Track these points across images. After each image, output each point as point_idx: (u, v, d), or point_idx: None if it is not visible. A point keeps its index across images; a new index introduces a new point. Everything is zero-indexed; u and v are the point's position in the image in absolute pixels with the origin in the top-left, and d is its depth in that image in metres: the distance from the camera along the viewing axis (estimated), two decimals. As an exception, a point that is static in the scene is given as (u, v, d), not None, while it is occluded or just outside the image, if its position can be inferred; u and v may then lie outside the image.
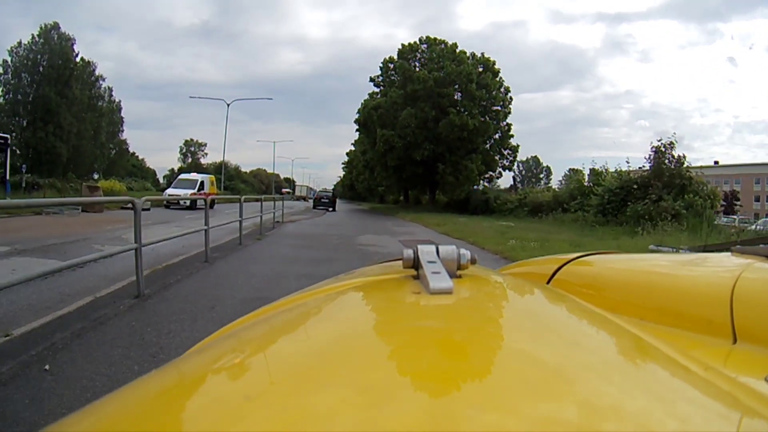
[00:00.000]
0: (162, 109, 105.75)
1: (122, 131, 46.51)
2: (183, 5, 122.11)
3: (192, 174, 24.50)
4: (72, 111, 38.71)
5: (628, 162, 18.19)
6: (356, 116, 28.68)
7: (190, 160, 66.52)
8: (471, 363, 0.27)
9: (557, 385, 0.24)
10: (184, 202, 19.82)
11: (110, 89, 45.26)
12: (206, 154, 69.52)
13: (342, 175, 66.68)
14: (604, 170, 18.94)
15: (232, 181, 63.41)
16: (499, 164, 28.82)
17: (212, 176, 24.26)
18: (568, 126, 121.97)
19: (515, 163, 32.69)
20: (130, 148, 50.81)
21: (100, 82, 43.44)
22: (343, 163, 56.45)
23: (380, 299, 0.44)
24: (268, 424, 0.21)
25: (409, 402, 0.22)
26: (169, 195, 19.99)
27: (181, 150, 68.54)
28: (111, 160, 45.76)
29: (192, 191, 20.88)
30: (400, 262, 0.46)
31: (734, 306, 0.53)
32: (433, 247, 0.44)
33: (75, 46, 39.86)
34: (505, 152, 28.91)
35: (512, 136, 28.28)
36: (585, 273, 0.79)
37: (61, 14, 74.29)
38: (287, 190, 71.00)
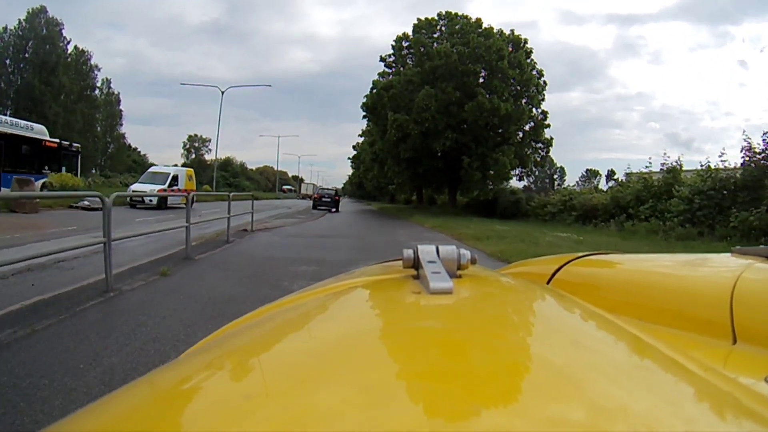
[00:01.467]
0: (170, 106, 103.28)
1: (121, 125, 43.89)
2: (193, 3, 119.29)
3: (164, 167, 20.72)
4: (59, 100, 35.80)
5: (722, 155, 13.84)
6: (364, 100, 23.98)
7: (193, 155, 63.43)
8: (471, 363, 0.27)
9: (557, 385, 0.24)
10: (150, 200, 16.24)
11: (108, 81, 42.54)
12: (210, 150, 66.36)
13: (351, 173, 62.94)
14: (678, 165, 14.73)
15: (237, 178, 60.26)
16: (531, 159, 24.41)
17: (190, 170, 20.34)
18: (578, 127, 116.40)
19: (546, 159, 28.10)
20: (132, 143, 48.44)
21: (95, 72, 40.59)
22: (349, 158, 52.20)
23: (380, 299, 0.44)
24: (268, 423, 0.21)
25: (410, 402, 0.22)
26: (132, 191, 16.31)
27: (184, 146, 65.43)
28: (110, 155, 43.03)
29: (162, 187, 17.12)
30: (400, 262, 0.46)
31: (734, 307, 0.52)
32: (433, 247, 0.45)
33: (64, 32, 37.05)
34: (537, 145, 24.48)
35: (548, 126, 23.82)
36: (585, 273, 0.79)
37: (70, 12, 72.45)
38: (288, 187, 67.48)
